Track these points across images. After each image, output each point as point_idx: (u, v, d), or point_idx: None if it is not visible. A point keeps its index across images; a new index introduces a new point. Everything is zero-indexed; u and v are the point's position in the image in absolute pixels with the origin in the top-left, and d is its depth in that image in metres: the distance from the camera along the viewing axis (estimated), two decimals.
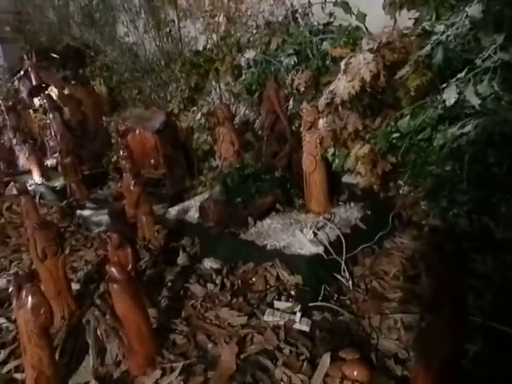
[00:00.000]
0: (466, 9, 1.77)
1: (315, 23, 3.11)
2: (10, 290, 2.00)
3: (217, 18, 3.74)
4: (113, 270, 1.96)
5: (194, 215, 3.46)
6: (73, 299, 2.55)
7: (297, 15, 3.21)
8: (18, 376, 2.18)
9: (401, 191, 2.95)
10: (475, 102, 1.70)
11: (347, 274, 2.66)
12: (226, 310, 2.46)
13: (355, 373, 1.88)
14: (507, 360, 1.90)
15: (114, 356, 2.21)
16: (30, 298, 1.85)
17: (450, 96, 1.77)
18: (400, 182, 2.91)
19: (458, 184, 1.82)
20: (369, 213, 3.14)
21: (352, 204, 3.24)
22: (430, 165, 2.05)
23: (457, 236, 2.25)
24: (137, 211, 3.40)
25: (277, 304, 2.47)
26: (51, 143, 5.72)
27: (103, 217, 3.85)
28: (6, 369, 2.25)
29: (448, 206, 1.98)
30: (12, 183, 4.92)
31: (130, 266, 2.36)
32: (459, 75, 1.77)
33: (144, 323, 2.04)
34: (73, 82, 5.39)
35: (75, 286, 2.82)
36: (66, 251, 3.39)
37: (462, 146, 1.78)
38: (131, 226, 3.34)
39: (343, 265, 2.69)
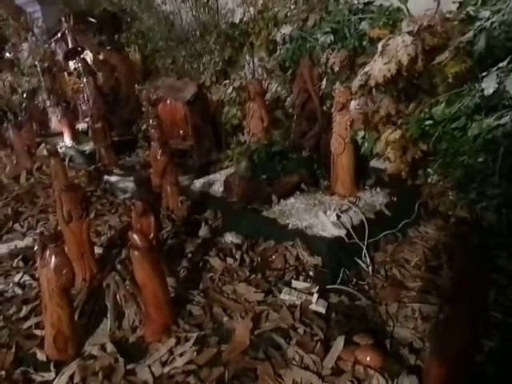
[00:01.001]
0: None
1: (355, 1, 3.01)
2: (35, 248, 2.05)
3: None
4: (135, 237, 1.99)
5: (218, 189, 3.48)
6: (95, 262, 2.62)
7: None
8: (37, 332, 2.26)
9: (429, 180, 2.89)
10: None
11: (368, 260, 2.65)
12: (244, 285, 2.49)
13: (368, 358, 1.89)
14: None
15: (131, 321, 2.27)
16: (53, 258, 1.91)
17: (489, 85, 1.69)
18: (429, 171, 2.84)
19: (489, 177, 1.76)
20: (395, 199, 3.09)
21: (378, 189, 3.19)
22: (462, 155, 1.99)
23: (483, 230, 2.19)
24: (162, 181, 3.44)
25: (294, 283, 2.48)
26: (83, 107, 5.82)
27: (129, 184, 3.91)
28: (26, 324, 2.33)
29: (477, 198, 1.92)
30: (43, 144, 5.03)
31: (151, 235, 2.40)
32: (501, 64, 1.69)
33: (162, 291, 2.09)
34: (108, 48, 5.41)
35: (98, 250, 2.89)
36: (91, 215, 3.47)
37: (497, 137, 1.71)
38: (156, 195, 3.39)
39: (364, 250, 2.67)
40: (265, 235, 2.93)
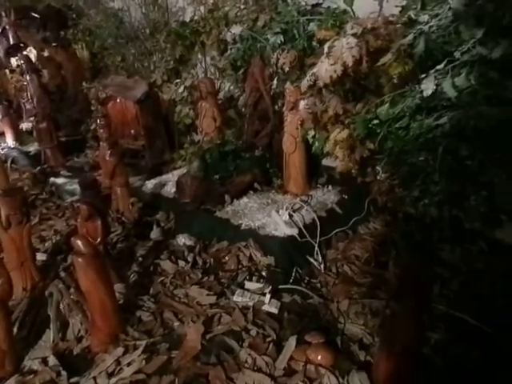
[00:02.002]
0: (449, 0, 1.74)
1: (303, 3, 3.04)
2: None
3: None
4: (78, 242, 1.90)
5: (170, 190, 3.42)
6: (37, 270, 2.50)
7: None
8: None
9: (378, 177, 2.96)
10: (452, 94, 1.70)
11: (320, 258, 2.68)
12: (196, 288, 2.45)
13: (319, 357, 1.91)
14: (466, 348, 1.96)
15: (76, 331, 2.18)
16: None
17: (428, 87, 1.76)
18: (378, 168, 2.91)
19: (430, 174, 1.83)
20: (345, 197, 3.15)
21: (330, 187, 3.24)
22: (406, 153, 2.05)
23: (427, 225, 2.28)
24: (112, 182, 3.34)
25: (247, 284, 2.47)
26: (27, 106, 5.51)
27: (77, 186, 3.74)
28: None
29: (420, 195, 1.99)
30: None
31: (98, 239, 2.32)
32: (438, 67, 1.75)
33: (108, 299, 2.00)
34: (53, 44, 5.18)
35: (41, 257, 2.77)
36: (36, 219, 3.34)
37: (436, 137, 1.78)
38: (105, 197, 3.29)
39: (316, 248, 2.71)
40: (218, 236, 2.91)
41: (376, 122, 2.16)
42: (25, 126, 5.34)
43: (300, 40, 2.83)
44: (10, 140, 4.98)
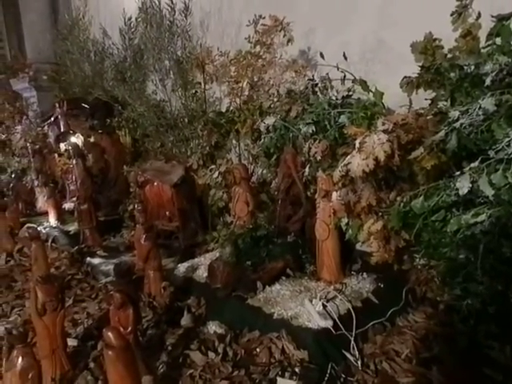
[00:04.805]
0: (480, 101, 1.77)
1: (333, 97, 3.18)
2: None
3: (240, 84, 3.86)
4: (109, 335, 1.88)
5: (202, 274, 3.41)
6: (67, 358, 2.46)
7: (316, 89, 3.29)
8: None
9: (415, 264, 2.87)
10: (489, 192, 1.66)
11: (356, 353, 2.53)
12: (226, 383, 2.35)
13: None
14: None
15: None
16: (19, 360, 1.80)
17: (463, 185, 1.73)
18: (415, 255, 2.82)
19: (472, 272, 1.74)
20: (381, 285, 3.03)
21: (365, 275, 3.14)
22: (445, 247, 1.99)
23: (471, 326, 2.14)
24: (145, 265, 3.38)
25: (280, 381, 2.34)
26: (71, 187, 5.87)
27: (112, 266, 3.83)
28: None
29: (462, 294, 1.89)
30: (26, 226, 4.98)
31: (129, 328, 2.31)
32: (472, 165, 1.75)
33: None
34: (99, 131, 5.57)
35: (72, 342, 2.74)
36: (70, 301, 3.37)
37: (476, 234, 1.72)
38: (137, 280, 3.31)
39: (352, 342, 2.57)
40: (249, 325, 2.81)
41: (411, 214, 2.13)
42: (67, 205, 5.63)
43: (331, 131, 2.91)
44: (52, 220, 5.23)
